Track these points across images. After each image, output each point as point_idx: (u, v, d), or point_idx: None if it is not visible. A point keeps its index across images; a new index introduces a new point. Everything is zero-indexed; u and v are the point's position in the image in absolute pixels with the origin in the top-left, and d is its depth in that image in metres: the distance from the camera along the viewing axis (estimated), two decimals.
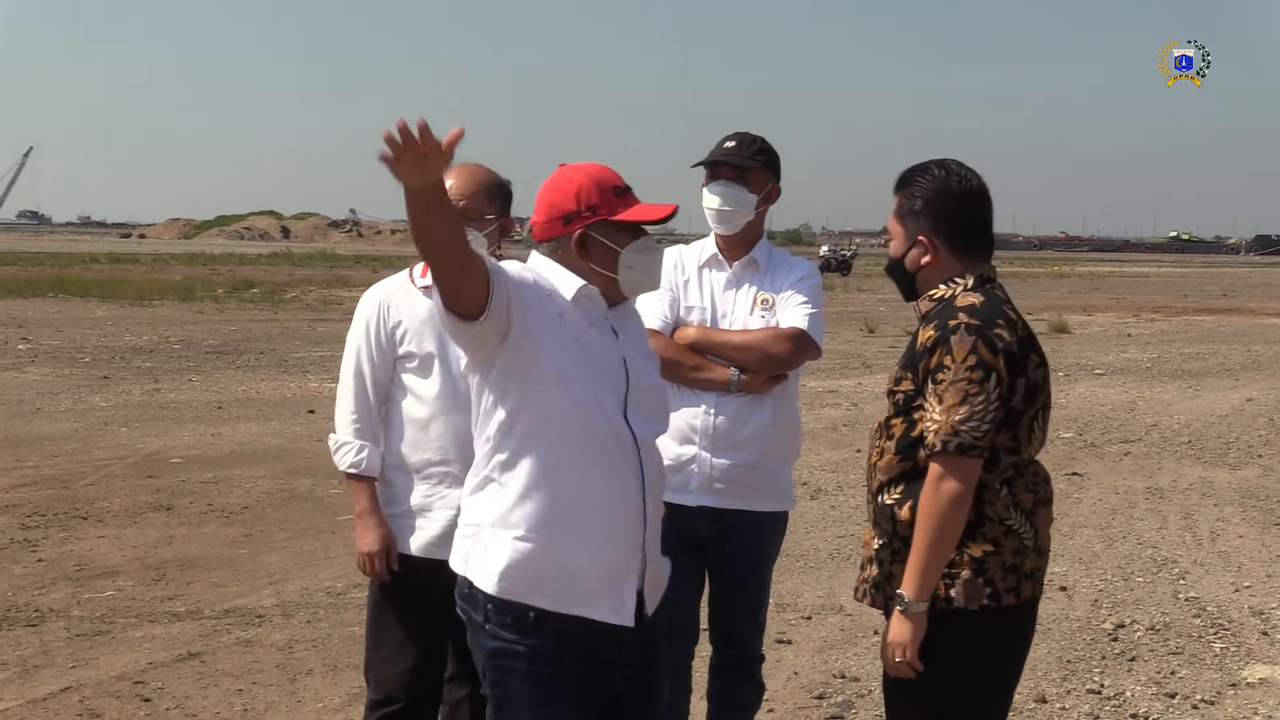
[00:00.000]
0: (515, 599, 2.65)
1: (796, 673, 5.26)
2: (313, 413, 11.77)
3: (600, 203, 2.74)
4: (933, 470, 2.70)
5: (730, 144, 3.76)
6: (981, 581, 2.74)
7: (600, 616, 2.70)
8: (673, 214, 2.79)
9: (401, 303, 3.51)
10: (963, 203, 2.87)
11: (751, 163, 3.73)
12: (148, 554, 6.87)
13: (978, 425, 2.67)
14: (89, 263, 48.57)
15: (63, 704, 4.75)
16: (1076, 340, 21.64)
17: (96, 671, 5.09)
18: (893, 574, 2.81)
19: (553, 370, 2.65)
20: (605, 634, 2.71)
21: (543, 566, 2.65)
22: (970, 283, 2.84)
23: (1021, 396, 2.75)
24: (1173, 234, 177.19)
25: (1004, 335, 2.73)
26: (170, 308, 26.06)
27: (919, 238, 2.89)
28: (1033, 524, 2.81)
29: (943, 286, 2.87)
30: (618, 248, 2.75)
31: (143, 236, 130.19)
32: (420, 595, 3.40)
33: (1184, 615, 6.14)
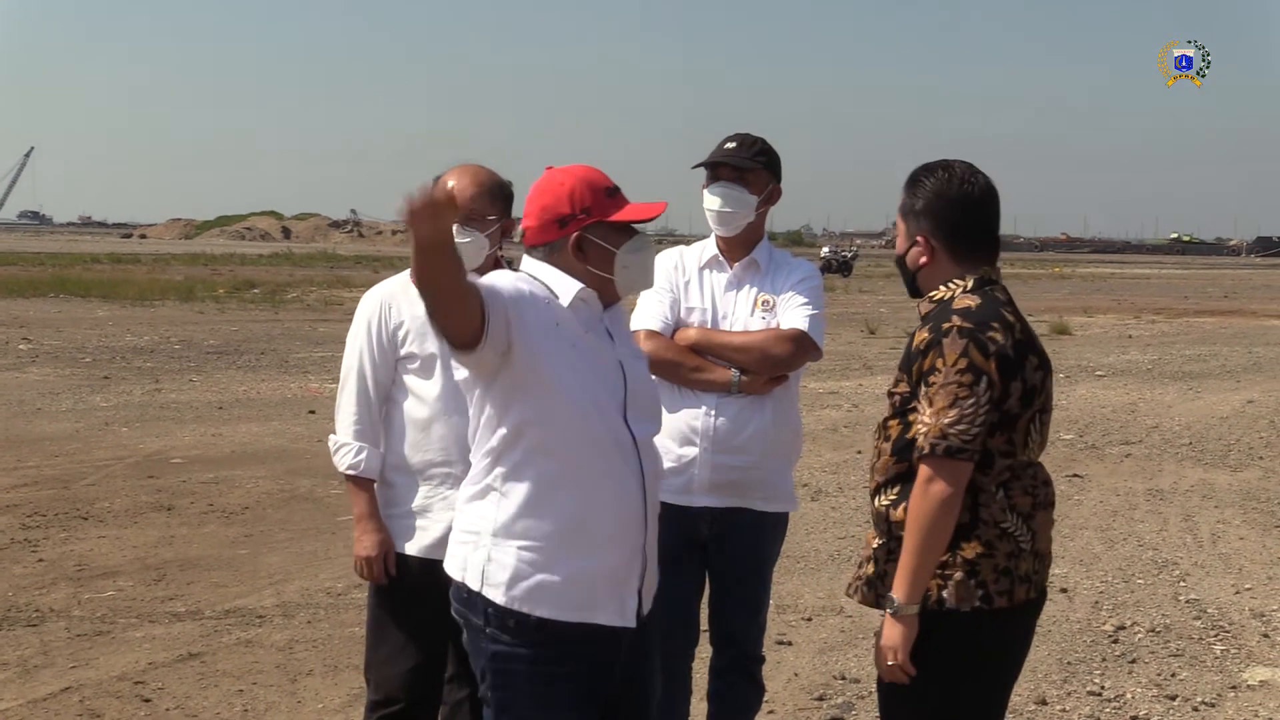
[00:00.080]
0: (520, 608, 2.65)
1: (797, 674, 5.26)
2: (313, 413, 11.77)
3: (593, 204, 2.74)
4: (922, 473, 2.70)
5: (731, 145, 3.76)
6: (974, 584, 2.73)
7: (606, 621, 2.70)
8: (663, 212, 2.80)
9: (403, 303, 3.50)
10: (962, 206, 2.86)
11: (752, 164, 3.73)
12: (148, 554, 6.88)
13: (967, 429, 2.67)
14: (90, 263, 48.58)
15: (63, 704, 4.75)
16: (1077, 342, 21.64)
17: (97, 672, 5.09)
18: (886, 573, 2.81)
19: (553, 381, 2.64)
20: (605, 636, 2.72)
21: (549, 576, 2.65)
22: (969, 284, 2.84)
23: (1017, 399, 2.74)
24: (1174, 235, 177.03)
25: (997, 338, 2.72)
26: (171, 308, 26.07)
27: (917, 238, 2.90)
28: (1030, 527, 2.80)
29: (943, 288, 2.87)
30: (613, 248, 2.76)
31: (144, 237, 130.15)
32: (421, 596, 3.39)
33: (1185, 617, 6.14)
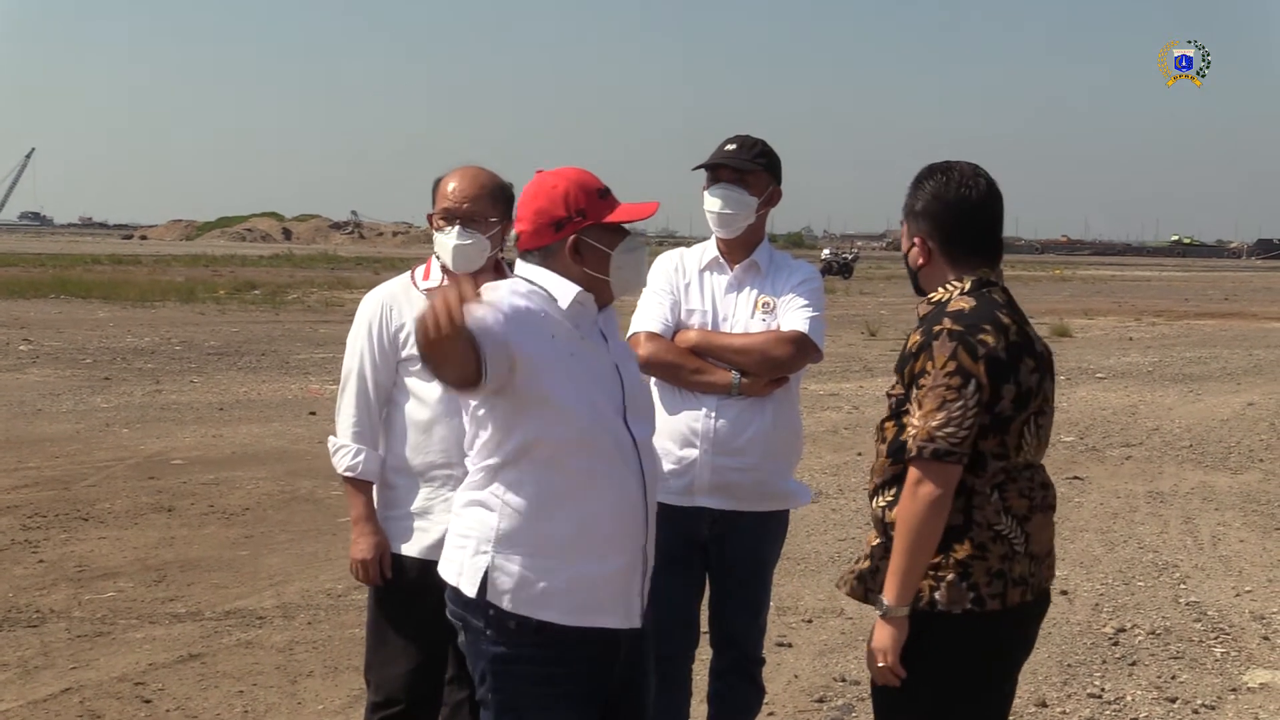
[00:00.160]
0: (524, 612, 2.65)
1: (797, 676, 5.26)
2: (314, 414, 11.77)
3: (587, 206, 2.75)
4: (910, 475, 2.71)
5: (731, 147, 3.77)
6: (965, 586, 2.73)
7: (612, 623, 2.71)
8: (655, 212, 2.82)
9: (404, 305, 3.50)
10: (958, 210, 2.85)
11: (752, 166, 3.73)
12: (149, 555, 6.88)
13: (954, 431, 2.66)
14: (91, 264, 48.56)
15: (63, 705, 4.76)
16: (1078, 344, 21.63)
17: (97, 673, 5.09)
18: (879, 569, 2.81)
19: (555, 396, 2.64)
20: (606, 637, 2.72)
21: (555, 582, 2.65)
22: (966, 286, 2.83)
23: (1010, 402, 2.73)
24: (1174, 238, 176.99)
25: (988, 341, 2.71)
26: (172, 309, 26.06)
27: (915, 239, 2.90)
28: (1024, 530, 2.79)
29: (941, 289, 2.87)
30: (608, 249, 2.77)
31: (144, 238, 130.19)
32: (421, 597, 3.39)
33: (1185, 620, 6.14)
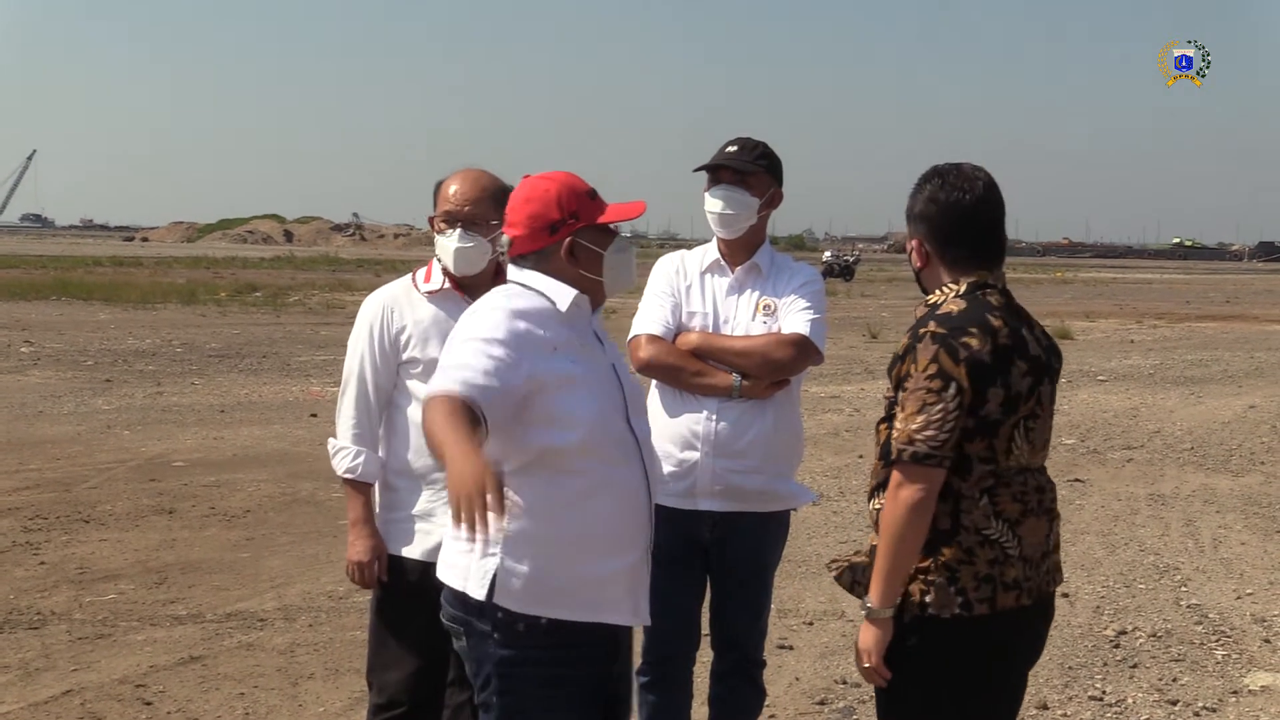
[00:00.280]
0: (534, 612, 2.65)
1: (798, 678, 5.26)
2: (315, 416, 11.78)
3: (580, 208, 2.76)
4: (893, 478, 2.71)
5: (732, 149, 3.77)
6: (953, 590, 2.72)
7: (621, 620, 2.73)
8: (643, 212, 2.84)
9: (405, 308, 3.50)
10: (951, 214, 2.84)
11: (753, 167, 3.73)
12: (149, 557, 6.88)
13: (934, 435, 2.66)
14: (92, 266, 48.60)
15: (64, 707, 4.76)
16: (1079, 346, 21.62)
17: (98, 674, 5.09)
18: (870, 569, 2.81)
19: (562, 406, 2.64)
20: (609, 635, 2.73)
21: (566, 581, 2.66)
22: (961, 289, 2.82)
23: (997, 405, 2.71)
24: (1176, 240, 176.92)
25: (972, 344, 2.69)
26: (173, 311, 26.07)
27: (913, 241, 2.91)
28: (1017, 533, 2.77)
29: (937, 292, 2.87)
30: (601, 250, 2.78)
31: (145, 240, 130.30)
32: (423, 600, 3.38)
33: (1186, 622, 6.13)
